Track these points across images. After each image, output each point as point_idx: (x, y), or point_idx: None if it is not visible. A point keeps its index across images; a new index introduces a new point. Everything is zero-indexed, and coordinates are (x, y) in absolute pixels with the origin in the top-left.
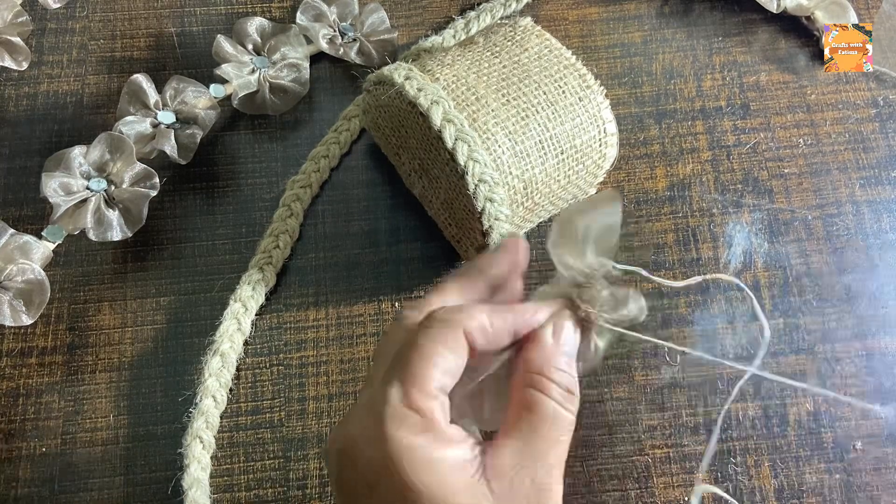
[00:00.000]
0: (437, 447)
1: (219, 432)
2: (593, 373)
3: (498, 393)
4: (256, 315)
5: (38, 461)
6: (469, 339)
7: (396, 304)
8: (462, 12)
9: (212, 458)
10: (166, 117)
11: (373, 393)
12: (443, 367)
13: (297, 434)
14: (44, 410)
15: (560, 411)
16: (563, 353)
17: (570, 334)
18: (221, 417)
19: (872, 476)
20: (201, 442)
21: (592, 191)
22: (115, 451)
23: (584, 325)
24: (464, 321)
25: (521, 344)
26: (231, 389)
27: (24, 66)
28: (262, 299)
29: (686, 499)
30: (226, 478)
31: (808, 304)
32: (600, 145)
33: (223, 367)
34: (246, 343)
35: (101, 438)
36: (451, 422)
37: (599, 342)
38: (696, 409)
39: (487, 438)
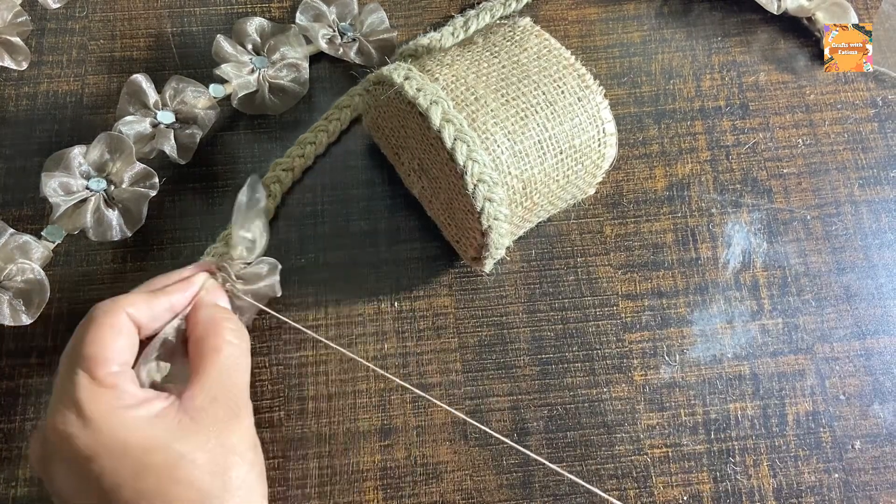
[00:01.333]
0: (136, 406)
1: None
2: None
3: (178, 356)
4: (258, 315)
5: None
6: (134, 320)
7: (396, 303)
8: (462, 11)
9: None
10: (166, 117)
11: (60, 389)
12: (115, 347)
13: (297, 434)
14: (44, 410)
15: (235, 343)
16: (219, 305)
17: (220, 293)
18: None
19: (871, 475)
20: None
21: (591, 191)
22: None
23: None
24: (124, 306)
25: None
26: None
27: (24, 66)
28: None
29: (685, 498)
30: None
31: (807, 304)
32: (599, 145)
33: None
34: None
35: None
36: (143, 387)
37: (246, 297)
38: (694, 409)
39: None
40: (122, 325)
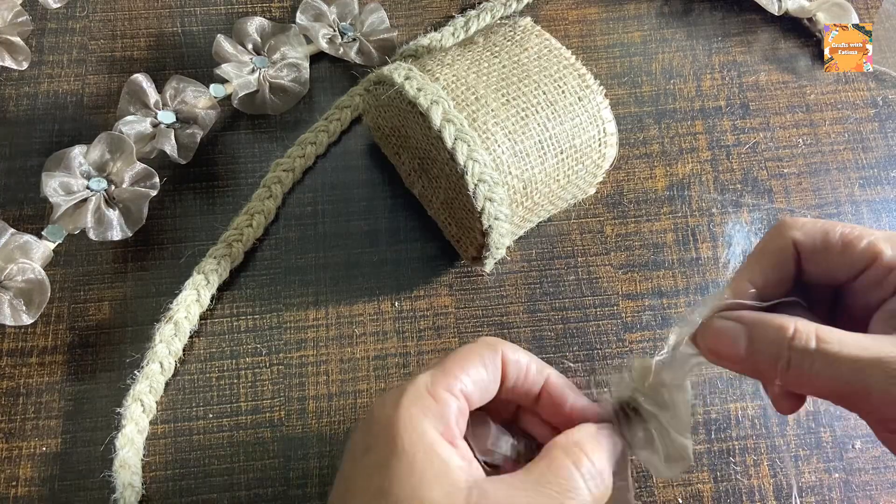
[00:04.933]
0: (437, 437)
1: (218, 431)
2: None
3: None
4: (257, 314)
5: (38, 461)
6: (504, 367)
7: (396, 303)
8: (462, 11)
9: (151, 422)
10: (166, 117)
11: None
12: (473, 375)
13: (297, 433)
14: (44, 410)
15: (582, 487)
16: (606, 448)
17: (613, 444)
18: (218, 415)
19: (871, 475)
20: (142, 405)
21: (592, 190)
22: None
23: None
24: (506, 350)
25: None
26: (230, 387)
27: (25, 66)
28: (225, 274)
29: (680, 501)
30: (226, 477)
31: None
32: (600, 145)
33: (175, 336)
34: (202, 318)
35: (101, 438)
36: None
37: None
38: (695, 409)
39: None
40: (493, 364)
